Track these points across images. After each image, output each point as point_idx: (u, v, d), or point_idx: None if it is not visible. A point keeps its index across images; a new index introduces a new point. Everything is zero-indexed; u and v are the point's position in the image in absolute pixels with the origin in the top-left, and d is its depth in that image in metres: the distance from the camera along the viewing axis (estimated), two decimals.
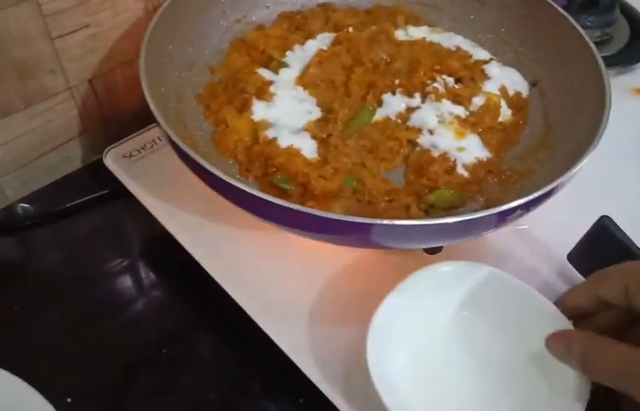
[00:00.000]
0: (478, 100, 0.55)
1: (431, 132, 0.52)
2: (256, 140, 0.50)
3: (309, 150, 0.49)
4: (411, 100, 0.55)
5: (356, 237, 0.42)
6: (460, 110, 0.54)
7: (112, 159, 0.55)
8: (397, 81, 0.56)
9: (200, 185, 0.43)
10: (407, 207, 0.47)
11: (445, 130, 0.52)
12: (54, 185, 0.58)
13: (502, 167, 0.52)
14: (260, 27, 0.62)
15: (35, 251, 0.54)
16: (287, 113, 0.52)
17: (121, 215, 0.56)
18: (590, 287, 0.39)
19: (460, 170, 0.49)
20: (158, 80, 0.49)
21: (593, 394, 0.36)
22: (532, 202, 0.40)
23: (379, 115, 0.54)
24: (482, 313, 0.42)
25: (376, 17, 0.65)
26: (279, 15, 0.64)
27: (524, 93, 0.58)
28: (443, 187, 0.48)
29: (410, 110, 0.54)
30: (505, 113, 0.55)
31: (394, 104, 0.54)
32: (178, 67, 0.54)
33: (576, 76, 0.55)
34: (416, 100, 0.55)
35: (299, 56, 0.58)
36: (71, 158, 0.59)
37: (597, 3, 0.74)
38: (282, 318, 0.44)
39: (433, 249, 0.49)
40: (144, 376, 0.45)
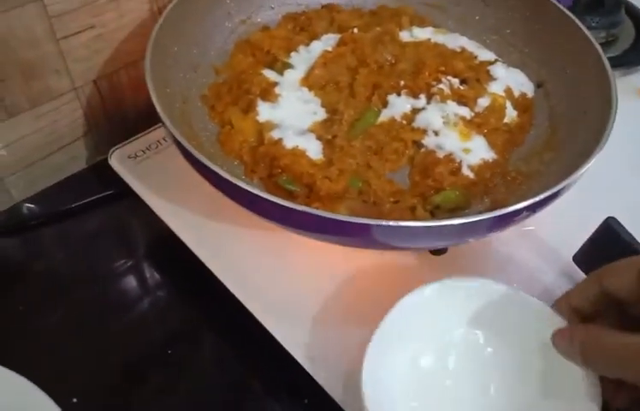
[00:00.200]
0: (484, 101, 0.55)
1: (436, 133, 0.52)
2: (261, 141, 0.50)
3: (314, 151, 0.49)
4: (416, 101, 0.55)
5: (361, 238, 0.42)
6: (466, 111, 0.54)
7: (117, 160, 0.55)
8: (402, 82, 0.56)
9: (205, 185, 0.43)
10: (413, 208, 0.47)
11: (450, 131, 0.52)
12: (59, 185, 0.58)
13: (508, 168, 0.52)
14: (265, 28, 0.62)
15: (40, 251, 0.54)
16: (293, 114, 0.52)
17: (126, 215, 0.56)
18: (594, 281, 0.36)
19: (466, 171, 0.49)
20: (164, 81, 0.49)
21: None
22: (538, 204, 0.40)
23: (384, 116, 0.53)
24: (488, 330, 0.40)
25: (381, 18, 0.65)
26: (284, 16, 0.64)
27: (530, 94, 0.58)
28: (449, 188, 0.48)
29: (415, 111, 0.54)
30: (510, 114, 0.55)
31: (400, 105, 0.54)
32: (183, 68, 0.54)
33: (581, 77, 0.54)
34: (421, 101, 0.55)
35: (304, 57, 0.58)
36: (76, 159, 0.59)
37: (603, 4, 0.74)
38: (287, 318, 0.44)
39: (438, 250, 0.49)
40: (148, 375, 0.45)
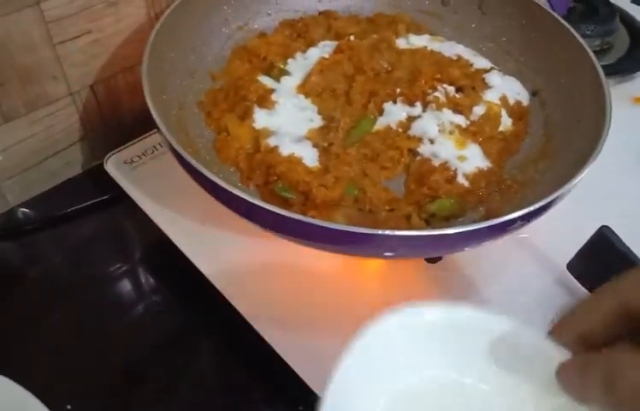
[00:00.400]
0: (479, 109, 0.55)
1: (432, 141, 0.52)
2: (257, 148, 0.50)
3: (310, 158, 0.49)
4: (412, 109, 0.55)
5: (356, 247, 0.42)
6: (461, 120, 0.54)
7: (113, 165, 0.55)
8: (398, 90, 0.56)
9: (201, 191, 0.43)
10: (408, 217, 0.47)
11: (446, 139, 0.52)
12: (55, 190, 0.58)
13: (503, 177, 0.52)
14: (262, 35, 0.63)
15: (36, 255, 0.54)
16: (289, 121, 0.53)
17: (122, 220, 0.56)
18: (608, 297, 0.28)
19: (461, 180, 0.50)
20: (160, 87, 0.49)
21: None
22: (533, 213, 0.40)
23: (380, 124, 0.54)
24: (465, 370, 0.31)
25: (378, 25, 0.65)
26: (280, 23, 0.64)
27: (525, 103, 0.58)
28: (444, 196, 0.48)
29: (411, 119, 0.54)
30: (505, 122, 0.55)
31: (395, 113, 0.54)
32: (180, 74, 0.54)
33: (576, 85, 0.55)
34: (417, 109, 0.55)
35: (301, 63, 0.58)
36: (72, 163, 0.59)
37: (597, 13, 0.75)
38: (282, 324, 0.44)
39: (433, 258, 0.49)
40: (145, 380, 0.45)
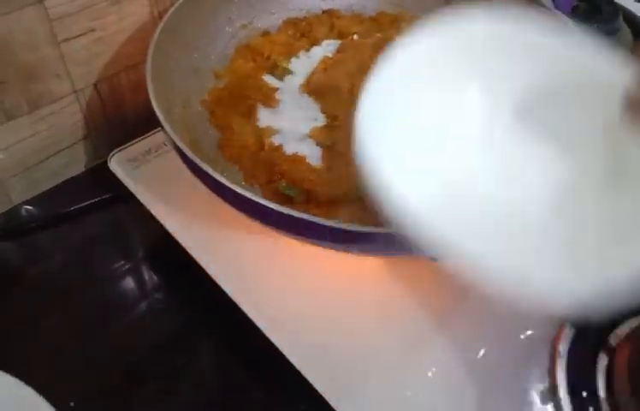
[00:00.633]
0: None
1: None
2: (261, 147, 0.50)
3: (314, 157, 0.50)
4: None
5: (360, 246, 0.42)
6: None
7: (117, 163, 0.55)
8: None
9: (204, 190, 0.43)
10: None
11: None
12: (58, 188, 0.58)
13: None
14: (265, 34, 0.63)
15: (39, 253, 0.53)
16: (293, 120, 0.53)
17: (125, 219, 0.56)
18: None
19: None
20: (164, 86, 0.49)
21: None
22: None
23: None
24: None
25: (381, 24, 0.65)
26: (284, 22, 0.64)
27: None
28: None
29: None
30: None
31: None
32: (183, 72, 0.54)
33: None
34: None
35: (305, 62, 0.58)
36: (75, 162, 0.59)
37: (600, 11, 0.75)
38: (286, 323, 0.44)
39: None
40: (147, 379, 0.45)
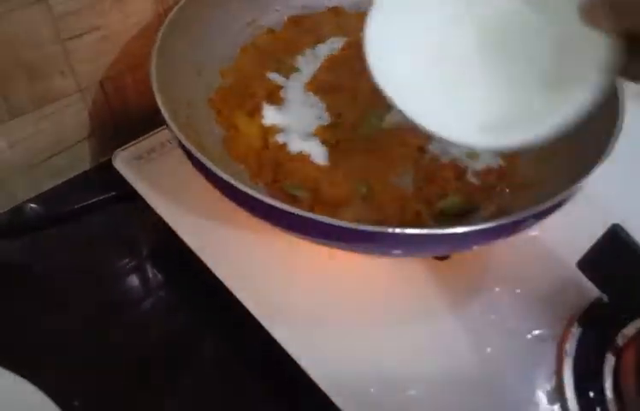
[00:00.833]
0: None
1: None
2: (266, 145, 0.50)
3: (319, 155, 0.49)
4: None
5: (365, 245, 0.42)
6: None
7: (122, 161, 0.55)
8: None
9: (209, 188, 0.43)
10: (417, 214, 0.47)
11: None
12: (63, 186, 0.58)
13: (513, 175, 0.51)
14: (270, 31, 0.62)
15: (43, 252, 0.54)
16: (298, 118, 0.52)
17: (130, 217, 0.56)
18: None
19: (471, 177, 0.49)
20: (169, 84, 0.49)
21: None
22: (544, 212, 0.40)
23: (389, 121, 0.53)
24: None
25: None
26: (289, 19, 0.64)
27: None
28: (453, 193, 0.48)
29: None
30: None
31: None
32: (189, 71, 0.54)
33: None
34: None
35: (310, 60, 0.58)
36: (80, 160, 0.59)
37: None
38: (291, 322, 0.44)
39: (442, 256, 0.49)
40: (151, 377, 0.45)
